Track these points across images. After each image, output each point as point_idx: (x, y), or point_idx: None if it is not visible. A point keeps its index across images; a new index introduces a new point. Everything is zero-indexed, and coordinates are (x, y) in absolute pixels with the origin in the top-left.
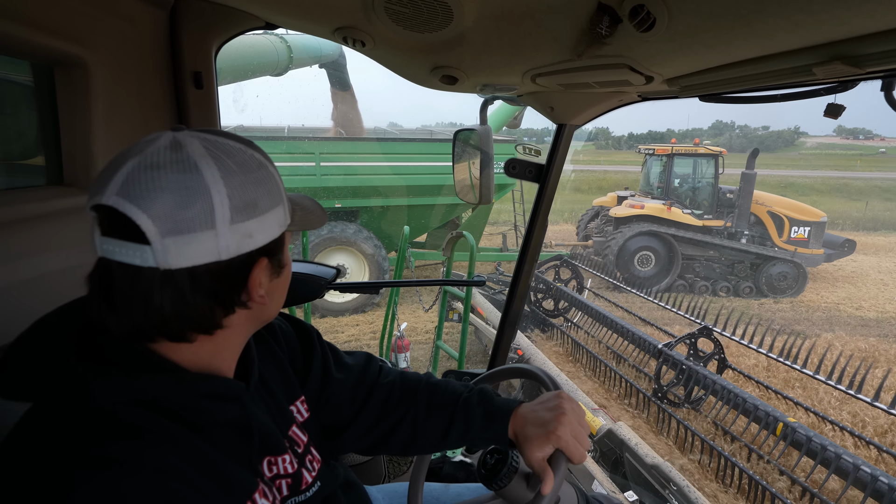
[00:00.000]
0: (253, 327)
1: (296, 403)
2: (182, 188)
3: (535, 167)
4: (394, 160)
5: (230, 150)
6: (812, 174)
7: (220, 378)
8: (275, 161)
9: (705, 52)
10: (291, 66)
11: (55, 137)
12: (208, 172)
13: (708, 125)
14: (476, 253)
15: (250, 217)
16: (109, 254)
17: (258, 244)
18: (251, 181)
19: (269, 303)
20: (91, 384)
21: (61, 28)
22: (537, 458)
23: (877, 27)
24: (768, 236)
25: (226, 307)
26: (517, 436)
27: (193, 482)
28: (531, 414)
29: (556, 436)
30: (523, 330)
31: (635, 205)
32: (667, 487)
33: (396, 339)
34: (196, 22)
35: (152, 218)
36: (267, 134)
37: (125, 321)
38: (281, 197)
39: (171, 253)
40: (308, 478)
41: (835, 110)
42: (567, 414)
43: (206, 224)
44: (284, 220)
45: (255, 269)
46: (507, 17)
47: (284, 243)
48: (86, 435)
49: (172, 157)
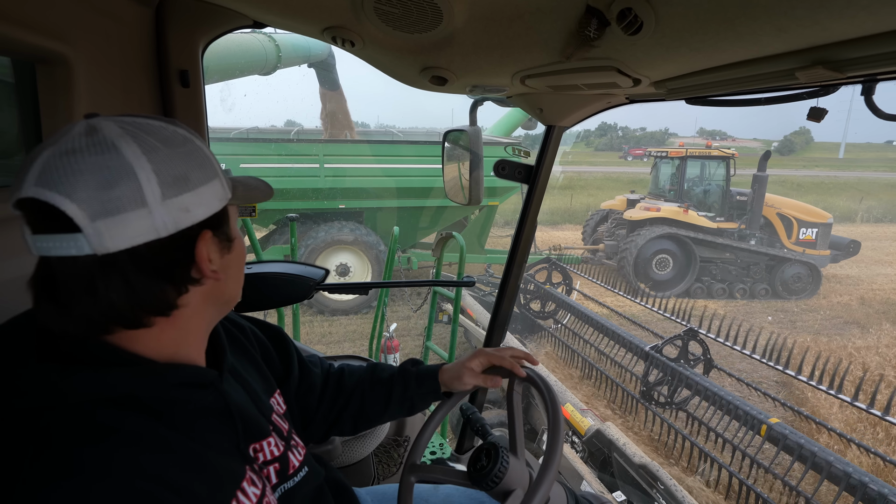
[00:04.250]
0: (214, 309)
1: (274, 396)
2: (102, 168)
3: (524, 168)
4: (399, 162)
5: (150, 128)
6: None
7: (189, 366)
8: (279, 162)
9: (692, 56)
10: (280, 65)
11: (36, 135)
12: (128, 150)
13: (595, 126)
14: (465, 254)
15: (183, 191)
16: (45, 251)
17: (198, 218)
18: (178, 155)
19: (224, 279)
20: (57, 385)
21: (43, 24)
22: (475, 375)
23: (857, 33)
24: (777, 238)
25: (176, 285)
26: (450, 383)
27: (168, 481)
28: (455, 362)
29: (478, 354)
30: (512, 331)
31: (650, 207)
32: (654, 487)
33: (386, 339)
34: (182, 20)
35: (77, 202)
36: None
37: (76, 317)
38: (214, 171)
39: (104, 236)
40: (295, 461)
41: (817, 114)
42: (478, 360)
43: (137, 202)
44: (223, 193)
45: (200, 242)
46: (497, 19)
47: (229, 217)
48: (49, 441)
49: (88, 142)
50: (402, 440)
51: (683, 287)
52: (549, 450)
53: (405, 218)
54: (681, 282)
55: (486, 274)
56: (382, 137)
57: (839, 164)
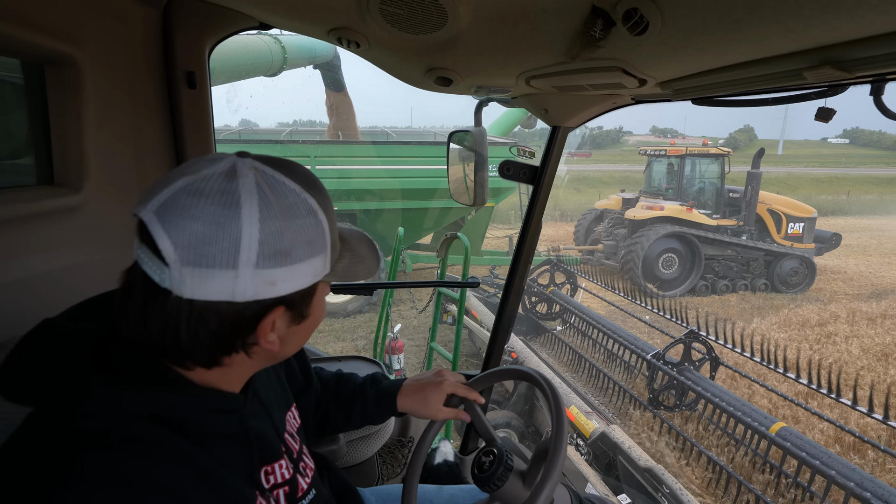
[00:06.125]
0: (264, 364)
1: (291, 410)
2: (214, 223)
3: (529, 169)
4: (391, 163)
5: (282, 191)
6: (634, 168)
7: (225, 393)
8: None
9: (698, 56)
10: (285, 66)
11: (45, 137)
12: (247, 212)
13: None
14: (470, 255)
15: (279, 265)
16: (140, 261)
17: (280, 293)
18: (292, 228)
19: (280, 349)
20: (98, 394)
21: (52, 27)
22: (439, 409)
23: (866, 32)
24: (768, 233)
25: (228, 349)
26: (410, 406)
27: (183, 494)
28: (414, 384)
29: (444, 385)
30: (517, 333)
31: (653, 206)
32: (659, 490)
33: (390, 340)
34: (189, 21)
35: (175, 245)
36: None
37: (132, 328)
38: (324, 246)
39: (186, 283)
40: (304, 484)
41: (825, 114)
42: (444, 373)
43: (228, 263)
44: (321, 270)
45: (268, 317)
46: (502, 20)
47: (314, 294)
48: (79, 445)
49: (220, 187)
50: (407, 441)
51: (689, 285)
52: (552, 452)
53: (400, 220)
54: (686, 280)
55: (491, 275)
56: (375, 138)
57: (777, 161)
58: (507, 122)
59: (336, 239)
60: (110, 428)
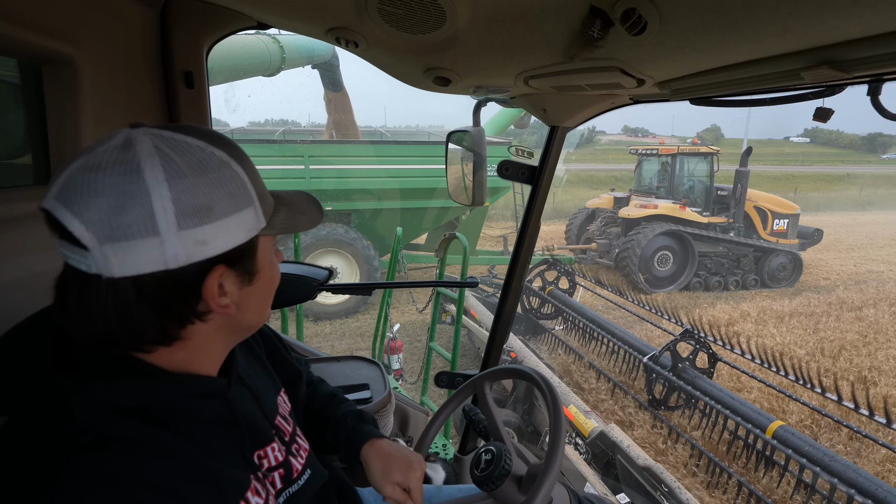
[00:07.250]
0: (231, 336)
1: (280, 395)
2: (119, 192)
3: (527, 169)
4: (387, 163)
5: (185, 149)
6: (606, 167)
7: (200, 376)
8: (264, 164)
9: (696, 56)
10: (284, 66)
11: (42, 136)
12: (150, 174)
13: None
14: (469, 255)
15: (203, 222)
16: (66, 257)
17: (215, 251)
18: (205, 183)
19: (237, 312)
20: (70, 394)
21: (50, 26)
22: (386, 486)
23: (863, 32)
24: (755, 229)
25: (179, 320)
26: (369, 461)
27: (172, 490)
28: (390, 447)
29: (409, 474)
30: (515, 332)
31: (648, 205)
32: (658, 489)
33: (389, 340)
34: (187, 21)
35: (86, 223)
36: (256, 137)
37: (79, 328)
38: (249, 198)
39: (111, 261)
40: (297, 465)
41: (823, 114)
42: (419, 466)
43: (147, 230)
44: (255, 223)
45: (209, 278)
46: (500, 20)
47: (256, 249)
48: (61, 448)
49: (117, 158)
50: (406, 440)
51: (683, 282)
52: (550, 451)
53: (394, 220)
54: (680, 277)
55: (490, 275)
56: (370, 138)
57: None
58: (501, 122)
59: (264, 192)
60: (90, 427)
